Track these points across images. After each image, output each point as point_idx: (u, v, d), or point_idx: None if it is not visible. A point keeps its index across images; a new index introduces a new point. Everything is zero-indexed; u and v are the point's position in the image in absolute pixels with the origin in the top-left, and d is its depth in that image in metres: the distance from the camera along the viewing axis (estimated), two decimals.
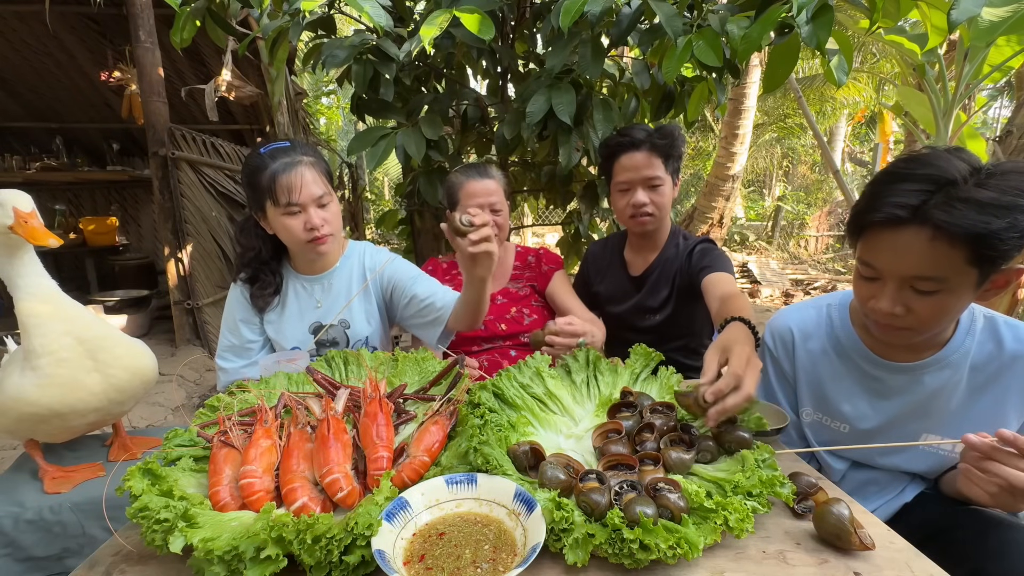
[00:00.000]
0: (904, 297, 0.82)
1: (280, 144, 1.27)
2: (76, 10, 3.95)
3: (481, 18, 1.52)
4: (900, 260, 0.80)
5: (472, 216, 1.04)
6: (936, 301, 0.80)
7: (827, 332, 1.08)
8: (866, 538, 0.66)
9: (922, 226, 0.76)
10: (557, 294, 1.71)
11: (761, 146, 11.89)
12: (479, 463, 0.76)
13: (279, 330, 1.39)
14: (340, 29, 2.06)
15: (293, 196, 1.22)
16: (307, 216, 1.25)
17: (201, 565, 0.63)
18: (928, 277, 0.79)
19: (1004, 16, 1.80)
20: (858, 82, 8.11)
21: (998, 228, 0.72)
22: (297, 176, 1.22)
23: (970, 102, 2.91)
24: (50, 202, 5.13)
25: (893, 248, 0.81)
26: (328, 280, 1.41)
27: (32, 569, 1.12)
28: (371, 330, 1.42)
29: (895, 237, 0.80)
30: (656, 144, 1.49)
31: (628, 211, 1.57)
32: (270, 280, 1.37)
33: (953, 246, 0.75)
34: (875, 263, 0.84)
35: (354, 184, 5.41)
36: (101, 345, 1.08)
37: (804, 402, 1.13)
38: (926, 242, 0.77)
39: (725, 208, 6.69)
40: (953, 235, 0.74)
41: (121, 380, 1.12)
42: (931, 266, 0.78)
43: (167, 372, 3.47)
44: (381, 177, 12.48)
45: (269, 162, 1.23)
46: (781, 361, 1.14)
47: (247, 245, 1.37)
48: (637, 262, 1.69)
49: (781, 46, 1.52)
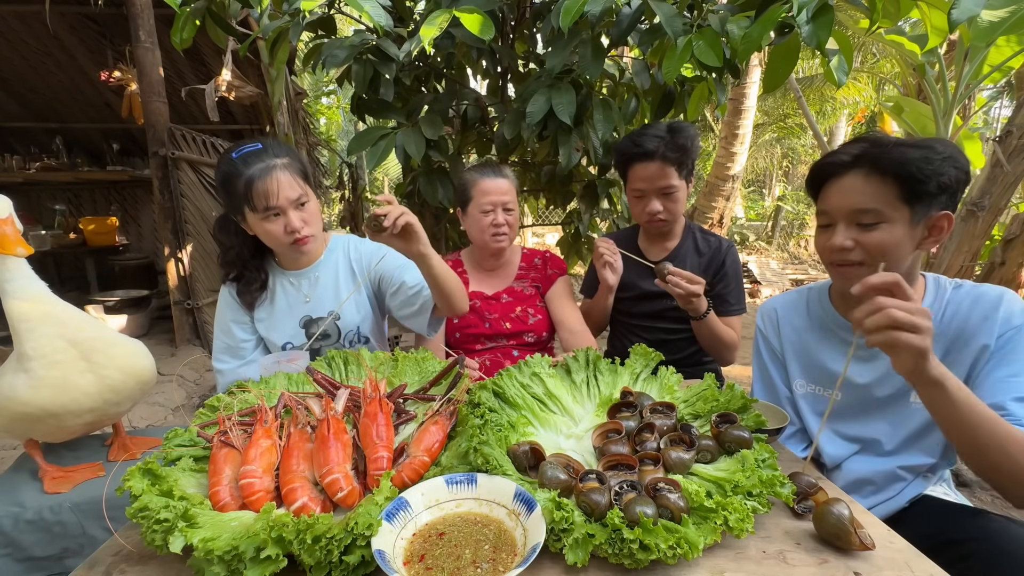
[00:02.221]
0: (852, 233, 0.98)
1: (251, 147, 1.24)
2: (76, 10, 3.95)
3: (481, 18, 1.52)
4: (845, 199, 0.98)
5: (375, 210, 1.10)
6: (879, 235, 0.96)
7: (808, 310, 1.21)
8: (866, 538, 0.66)
9: (859, 167, 0.96)
10: (556, 301, 1.71)
11: (761, 146, 11.88)
12: (479, 463, 0.76)
13: (270, 327, 1.40)
14: (340, 29, 2.06)
15: (271, 201, 1.20)
16: (287, 219, 1.24)
17: (201, 565, 0.63)
18: (868, 209, 0.95)
19: (1004, 17, 1.80)
20: (858, 82, 8.10)
21: (914, 157, 0.90)
22: (273, 182, 1.20)
23: (970, 102, 2.91)
24: (50, 202, 5.14)
25: (840, 190, 0.99)
26: (314, 274, 1.41)
27: (32, 569, 1.12)
28: (360, 319, 1.43)
29: (840, 181, 0.99)
30: (669, 156, 1.49)
31: (644, 216, 1.60)
32: (255, 276, 1.37)
33: (884, 181, 0.93)
34: (828, 208, 1.02)
35: (354, 184, 5.41)
36: (94, 346, 1.08)
37: (795, 374, 1.20)
38: (863, 179, 0.96)
39: (725, 208, 6.68)
40: (883, 170, 0.93)
41: (116, 381, 1.11)
42: (869, 199, 0.95)
43: (167, 372, 3.47)
44: (381, 177, 12.48)
45: (243, 168, 1.20)
46: (770, 339, 1.26)
47: (227, 244, 1.35)
48: (654, 251, 1.71)
49: (781, 46, 1.52)
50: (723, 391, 0.97)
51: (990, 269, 3.10)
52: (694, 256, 1.66)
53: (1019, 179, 2.79)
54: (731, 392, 0.95)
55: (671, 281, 1.38)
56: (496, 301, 1.71)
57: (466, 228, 1.73)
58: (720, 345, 1.55)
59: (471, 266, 1.79)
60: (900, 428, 1.05)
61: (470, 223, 1.67)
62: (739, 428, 0.84)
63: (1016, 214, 3.05)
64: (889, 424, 1.07)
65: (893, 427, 1.06)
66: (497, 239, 1.63)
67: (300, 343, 1.39)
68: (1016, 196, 4.12)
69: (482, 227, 1.62)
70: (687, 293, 1.39)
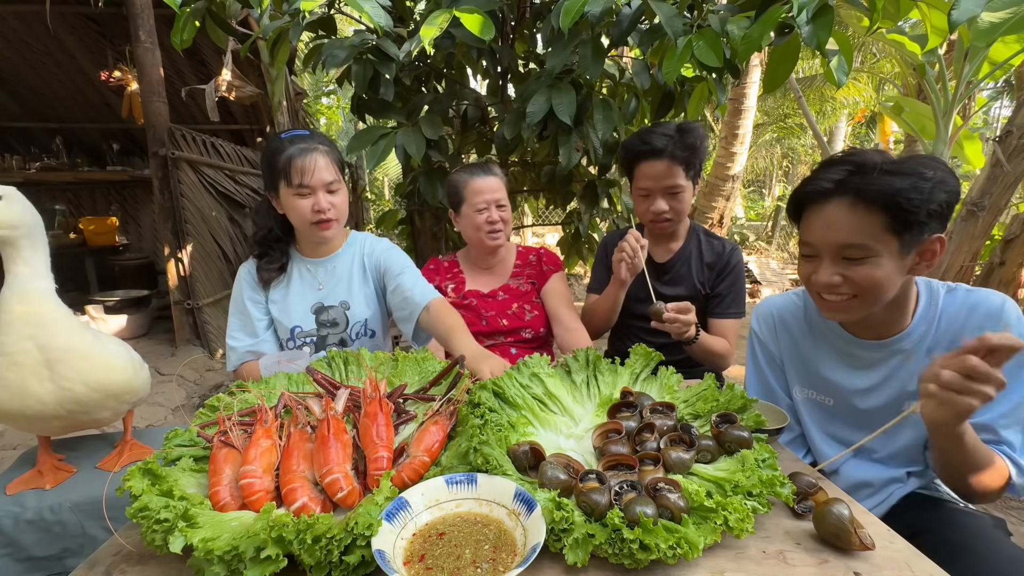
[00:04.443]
0: (839, 267, 0.93)
1: (300, 132, 1.37)
2: (76, 10, 3.95)
3: (481, 18, 1.52)
4: (829, 233, 0.93)
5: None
6: (867, 269, 0.91)
7: (804, 315, 1.17)
8: (866, 538, 0.66)
9: (844, 196, 0.90)
10: (551, 298, 1.71)
11: (761, 146, 11.88)
12: (479, 463, 0.76)
13: (283, 308, 1.45)
14: (340, 29, 2.06)
15: (305, 178, 1.30)
16: (316, 199, 1.32)
17: (201, 565, 0.63)
18: (854, 244, 0.90)
19: (1005, 18, 1.80)
20: (858, 82, 8.10)
21: (901, 187, 0.85)
22: (311, 160, 1.30)
23: (970, 102, 2.91)
24: (50, 202, 5.13)
25: (823, 221, 0.93)
26: (332, 264, 1.47)
27: (32, 569, 1.12)
28: (370, 313, 1.48)
29: (823, 211, 0.93)
30: (677, 155, 1.48)
31: (648, 216, 1.59)
32: (277, 256, 1.45)
33: (870, 211, 0.88)
34: (811, 239, 0.96)
35: (354, 184, 5.42)
36: (61, 357, 1.04)
37: (793, 380, 1.19)
38: (848, 209, 0.90)
39: (725, 208, 6.67)
40: (869, 200, 0.87)
41: (79, 394, 1.06)
42: (855, 233, 0.90)
43: (167, 372, 3.47)
44: (381, 177, 12.48)
45: (287, 146, 1.31)
46: (768, 344, 1.23)
47: (261, 224, 1.45)
48: (659, 251, 1.70)
49: (781, 46, 1.52)
50: (723, 391, 0.97)
51: (990, 269, 3.10)
52: (698, 258, 1.65)
53: (1019, 179, 2.79)
54: (731, 392, 0.95)
55: (668, 319, 1.36)
56: (492, 298, 1.71)
57: (460, 229, 1.73)
58: (714, 356, 1.55)
59: (467, 266, 1.80)
60: (894, 439, 1.05)
61: (465, 223, 1.68)
62: (739, 428, 0.84)
63: (1016, 214, 3.05)
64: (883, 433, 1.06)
65: (887, 436, 1.05)
66: (493, 236, 1.64)
67: (309, 328, 1.44)
68: (1016, 196, 4.12)
69: (477, 225, 1.63)
70: (685, 325, 1.38)
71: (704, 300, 1.64)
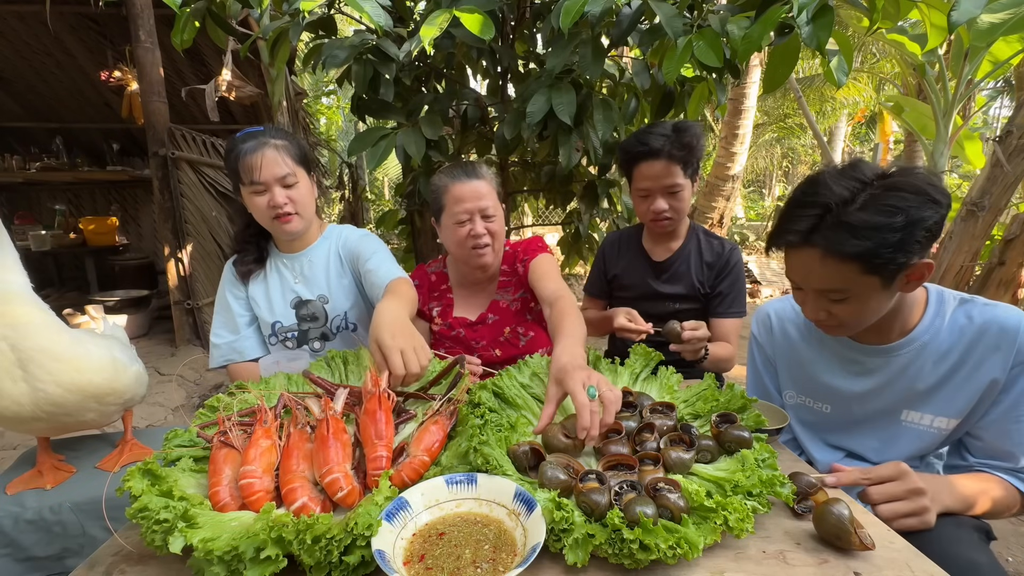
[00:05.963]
0: (823, 304, 0.93)
1: (254, 129, 1.36)
2: (76, 10, 3.95)
3: (481, 18, 1.52)
4: (807, 276, 0.92)
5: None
6: (851, 305, 0.90)
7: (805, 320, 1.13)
8: (866, 538, 0.66)
9: (813, 248, 0.87)
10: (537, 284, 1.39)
11: (761, 146, 11.89)
12: (479, 463, 0.76)
13: (262, 305, 1.46)
14: (340, 29, 2.06)
15: (255, 175, 1.29)
16: (271, 195, 1.32)
17: (201, 565, 0.63)
18: (833, 289, 0.89)
19: (1004, 19, 1.80)
20: (858, 82, 8.10)
21: (869, 248, 0.82)
22: (259, 156, 1.29)
23: (970, 102, 2.91)
24: (50, 202, 5.14)
25: (799, 267, 0.92)
26: (307, 257, 1.47)
27: (32, 569, 1.12)
28: (349, 305, 1.46)
29: (796, 258, 0.91)
30: (675, 154, 1.48)
31: (649, 215, 1.59)
32: (252, 248, 1.47)
33: (843, 262, 0.85)
34: (792, 278, 0.96)
35: (354, 184, 5.42)
36: (35, 358, 1.01)
37: (786, 384, 1.18)
38: (819, 261, 0.87)
39: (725, 208, 6.67)
40: (839, 255, 0.84)
41: (53, 395, 1.04)
42: (831, 280, 0.88)
43: (167, 372, 3.47)
44: (381, 177, 12.48)
45: (239, 144, 1.31)
46: (764, 346, 1.22)
47: (242, 222, 1.48)
48: (658, 250, 1.70)
49: (781, 46, 1.52)
50: (723, 391, 0.97)
51: (990, 269, 3.10)
52: (697, 257, 1.66)
53: (1019, 179, 2.80)
54: (731, 392, 0.95)
55: (688, 339, 1.32)
56: (481, 325, 1.51)
57: (443, 241, 1.49)
58: (721, 363, 1.55)
59: (455, 279, 1.58)
60: (890, 449, 1.05)
61: (446, 235, 1.44)
62: (739, 428, 0.84)
63: (1016, 214, 3.05)
64: (879, 441, 1.06)
65: (882, 444, 1.05)
66: (478, 253, 1.39)
67: (289, 323, 1.45)
68: (1016, 196, 4.11)
69: (459, 240, 1.39)
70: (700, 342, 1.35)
71: (703, 299, 1.64)
